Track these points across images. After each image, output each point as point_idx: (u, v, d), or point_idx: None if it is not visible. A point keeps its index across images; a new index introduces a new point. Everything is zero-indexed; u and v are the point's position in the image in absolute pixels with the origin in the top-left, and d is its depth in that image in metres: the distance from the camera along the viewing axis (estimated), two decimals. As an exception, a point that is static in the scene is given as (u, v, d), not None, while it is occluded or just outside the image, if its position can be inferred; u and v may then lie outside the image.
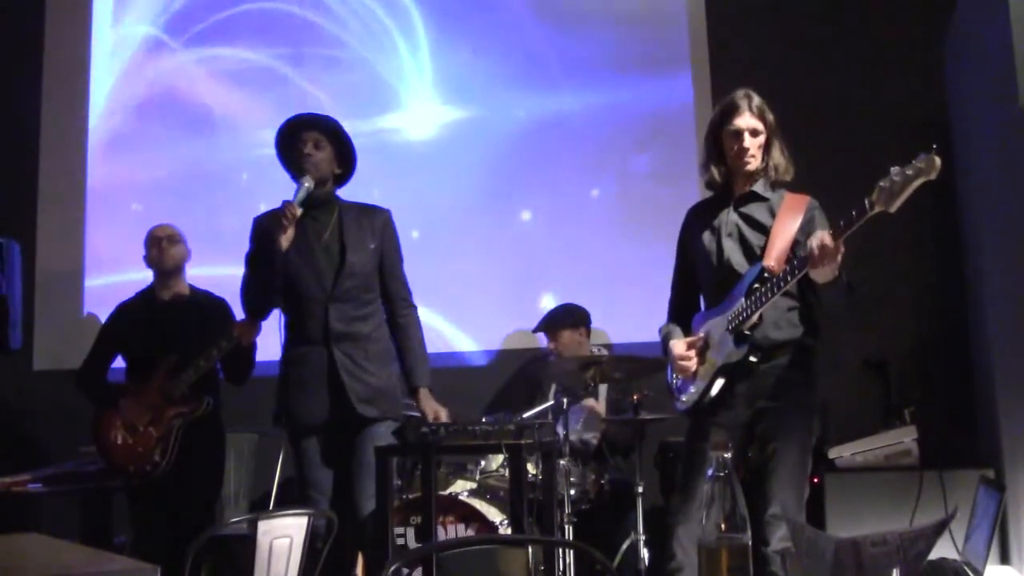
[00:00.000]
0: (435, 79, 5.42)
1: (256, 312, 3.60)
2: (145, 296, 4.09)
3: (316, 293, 3.45)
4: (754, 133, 2.95)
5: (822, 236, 2.64)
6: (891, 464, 3.98)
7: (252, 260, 3.53)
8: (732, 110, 2.97)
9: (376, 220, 3.57)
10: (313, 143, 3.48)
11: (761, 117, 2.95)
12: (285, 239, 3.40)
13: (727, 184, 3.04)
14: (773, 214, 2.95)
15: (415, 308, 3.64)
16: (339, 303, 3.44)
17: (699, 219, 3.11)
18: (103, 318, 4.23)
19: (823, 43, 4.98)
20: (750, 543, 1.48)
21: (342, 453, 3.45)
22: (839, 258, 2.65)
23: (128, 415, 3.85)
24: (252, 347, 3.94)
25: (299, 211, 3.40)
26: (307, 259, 3.46)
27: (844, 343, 4.30)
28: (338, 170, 3.57)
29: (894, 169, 2.49)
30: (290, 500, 4.42)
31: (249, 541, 2.72)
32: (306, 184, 3.42)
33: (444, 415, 3.47)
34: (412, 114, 5.39)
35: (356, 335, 3.45)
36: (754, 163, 2.96)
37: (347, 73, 5.44)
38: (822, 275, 2.71)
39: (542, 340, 4.77)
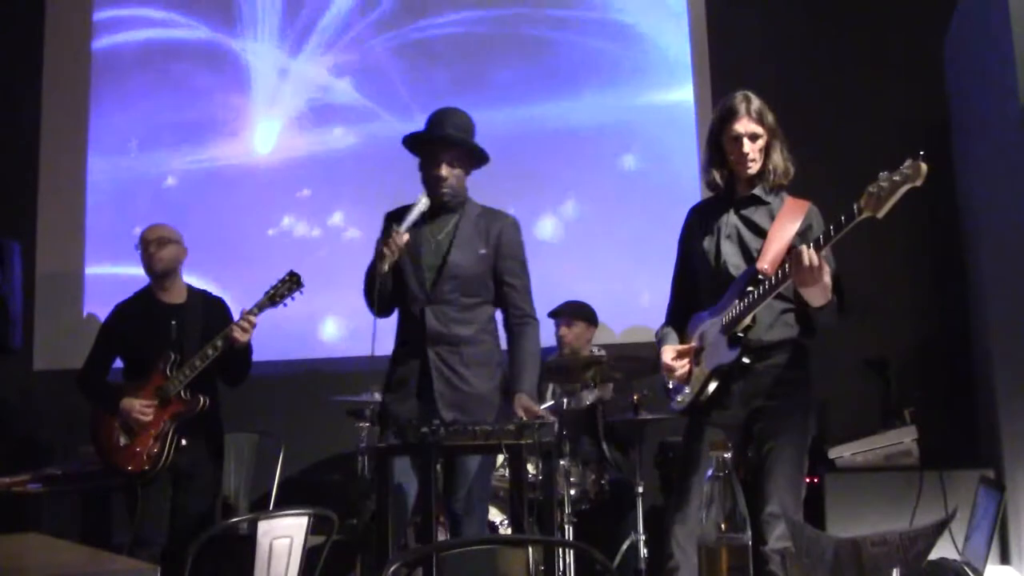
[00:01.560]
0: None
1: (376, 311, 3.49)
2: (142, 296, 4.08)
3: (418, 293, 3.40)
4: (753, 137, 2.94)
5: (811, 254, 2.64)
6: (891, 464, 3.98)
7: (375, 259, 3.45)
8: (731, 115, 2.95)
9: (493, 225, 3.44)
10: (447, 163, 3.38)
11: (760, 120, 2.94)
12: (384, 265, 3.31)
13: (729, 186, 3.04)
14: (773, 218, 2.95)
15: (532, 318, 3.45)
16: (437, 304, 3.38)
17: (700, 220, 3.11)
18: (103, 318, 4.22)
19: (823, 44, 4.99)
20: (750, 543, 1.48)
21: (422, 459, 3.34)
22: (826, 279, 2.67)
23: (124, 416, 3.84)
24: (248, 349, 3.92)
25: (406, 237, 3.31)
26: (416, 259, 3.40)
27: (844, 343, 4.30)
28: (469, 171, 3.46)
29: (882, 174, 2.50)
30: (290, 500, 4.43)
31: (249, 541, 2.72)
32: (420, 207, 3.34)
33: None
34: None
35: (454, 338, 3.37)
36: (755, 167, 2.96)
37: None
38: (812, 298, 2.74)
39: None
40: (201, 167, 5.69)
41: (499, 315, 3.52)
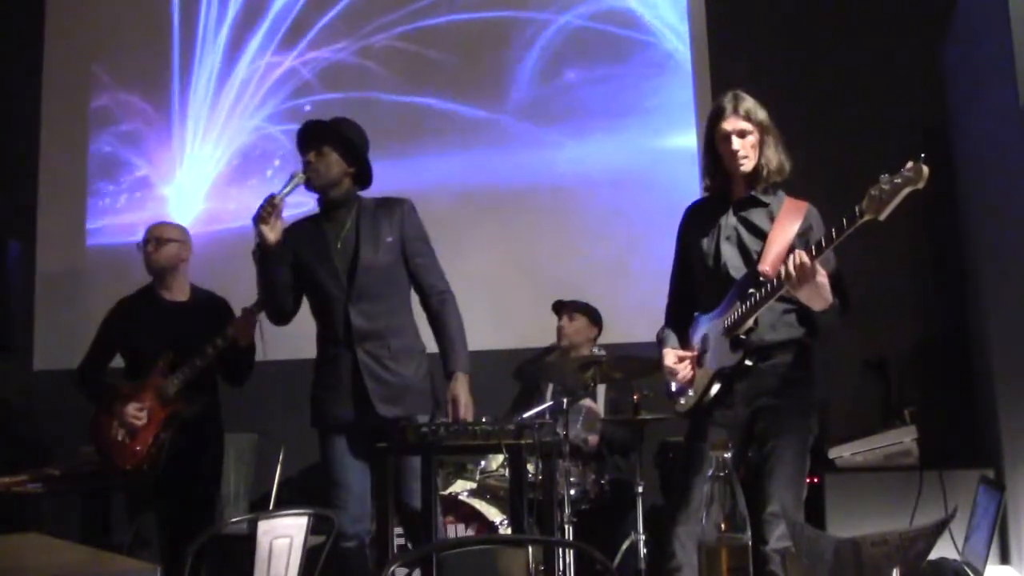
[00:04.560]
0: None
1: (275, 315, 3.58)
2: (145, 293, 4.07)
3: (336, 294, 3.44)
4: (742, 134, 2.93)
5: (799, 255, 2.65)
6: (891, 464, 3.98)
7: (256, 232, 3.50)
8: (719, 113, 2.97)
9: (394, 212, 3.51)
10: (315, 152, 3.46)
11: (748, 117, 2.93)
12: (268, 230, 3.37)
13: (726, 187, 3.04)
14: (772, 219, 2.95)
15: (448, 293, 3.51)
16: (358, 301, 3.42)
17: (697, 220, 3.10)
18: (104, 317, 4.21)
19: (823, 45, 4.98)
20: (750, 543, 1.48)
21: (372, 455, 3.40)
22: (820, 279, 2.67)
23: (119, 417, 3.84)
24: (251, 348, 3.92)
25: (280, 202, 3.38)
26: (325, 261, 3.45)
27: (844, 343, 4.30)
28: (351, 168, 3.51)
29: (883, 177, 2.49)
30: (290, 500, 4.42)
31: (249, 541, 2.72)
32: (295, 179, 3.42)
33: (463, 404, 3.35)
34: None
35: (379, 332, 3.42)
36: (748, 164, 2.95)
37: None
38: (811, 301, 2.74)
39: (539, 340, 4.79)
40: (202, 169, 5.68)
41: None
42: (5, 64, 5.80)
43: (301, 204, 3.74)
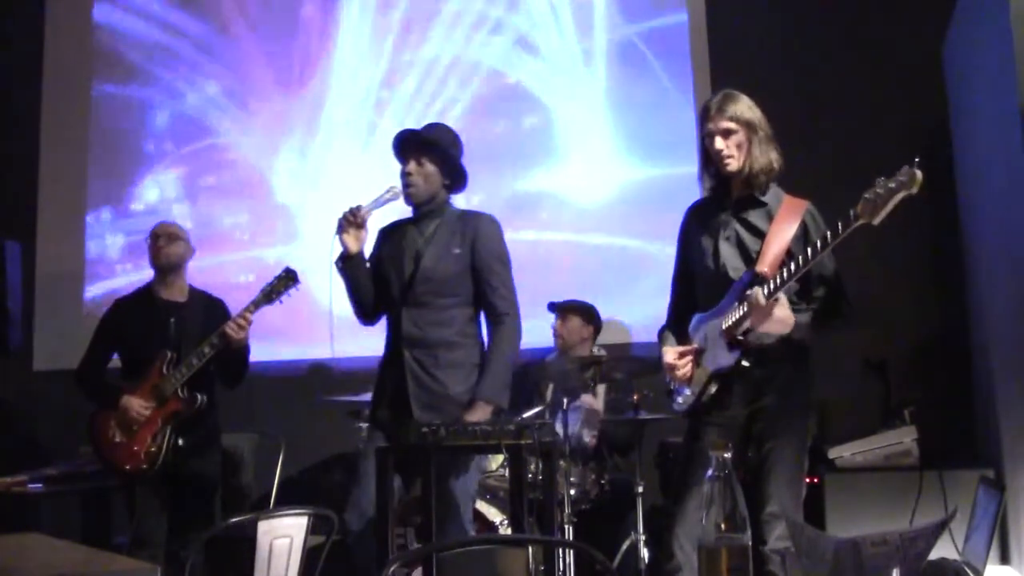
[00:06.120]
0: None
1: (359, 316, 3.60)
2: (143, 293, 4.08)
3: (396, 297, 3.46)
4: (726, 134, 2.93)
5: (756, 293, 2.71)
6: (891, 464, 3.99)
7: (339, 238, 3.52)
8: (705, 113, 2.98)
9: (469, 225, 3.48)
10: (415, 162, 3.45)
11: (733, 117, 2.92)
12: (350, 240, 3.42)
13: (726, 187, 3.04)
14: (771, 218, 2.95)
15: (507, 316, 3.44)
16: (412, 308, 3.42)
17: (697, 220, 3.11)
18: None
19: (823, 46, 4.99)
20: (750, 543, 1.48)
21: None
22: (777, 313, 2.72)
23: (122, 414, 3.85)
24: (245, 349, 3.92)
25: (365, 215, 3.42)
26: (396, 265, 3.47)
27: (844, 343, 4.30)
28: (447, 181, 3.50)
29: (879, 180, 2.51)
30: (290, 500, 4.42)
31: (249, 541, 2.72)
32: (388, 194, 3.44)
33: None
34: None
35: (430, 341, 3.40)
36: (733, 163, 2.94)
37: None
38: (770, 329, 2.78)
39: (539, 340, 4.78)
40: (202, 165, 5.69)
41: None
42: (5, 64, 5.80)
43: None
